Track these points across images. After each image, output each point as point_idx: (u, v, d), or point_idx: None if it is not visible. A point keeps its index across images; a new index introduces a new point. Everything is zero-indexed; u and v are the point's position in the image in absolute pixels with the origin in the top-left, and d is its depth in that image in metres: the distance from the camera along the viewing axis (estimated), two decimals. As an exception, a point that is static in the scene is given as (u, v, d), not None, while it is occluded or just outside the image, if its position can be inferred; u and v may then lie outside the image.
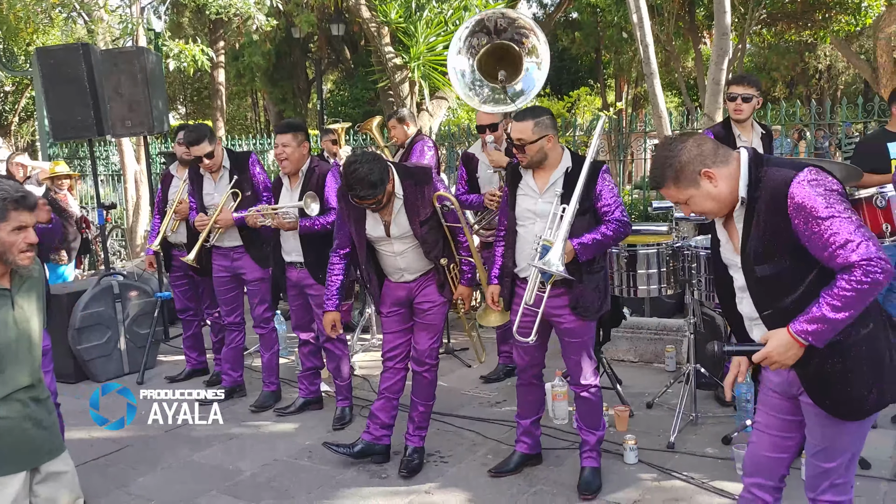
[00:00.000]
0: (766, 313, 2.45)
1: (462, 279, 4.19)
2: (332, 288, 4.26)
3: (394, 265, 4.16)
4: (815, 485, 2.58)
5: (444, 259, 4.11)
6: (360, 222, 4.09)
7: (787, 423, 2.63)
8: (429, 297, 4.17)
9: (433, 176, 4.14)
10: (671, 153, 2.45)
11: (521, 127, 3.68)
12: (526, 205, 3.78)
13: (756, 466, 2.70)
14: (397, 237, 4.05)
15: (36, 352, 2.78)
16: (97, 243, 9.14)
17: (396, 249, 4.10)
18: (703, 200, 2.46)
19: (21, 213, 2.66)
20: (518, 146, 3.70)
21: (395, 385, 4.29)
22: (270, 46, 20.03)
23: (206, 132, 5.15)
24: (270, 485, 4.14)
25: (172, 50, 10.49)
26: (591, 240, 3.62)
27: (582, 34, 22.98)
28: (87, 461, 4.45)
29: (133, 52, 6.72)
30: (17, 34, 13.37)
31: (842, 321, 2.26)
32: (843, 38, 16.48)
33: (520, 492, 3.91)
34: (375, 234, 4.07)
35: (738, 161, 2.45)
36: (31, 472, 2.72)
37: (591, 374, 3.88)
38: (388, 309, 4.25)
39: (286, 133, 4.72)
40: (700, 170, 2.42)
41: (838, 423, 2.46)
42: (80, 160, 11.81)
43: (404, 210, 4.01)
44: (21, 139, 25.74)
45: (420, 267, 4.15)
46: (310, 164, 4.82)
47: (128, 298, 6.26)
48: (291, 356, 6.40)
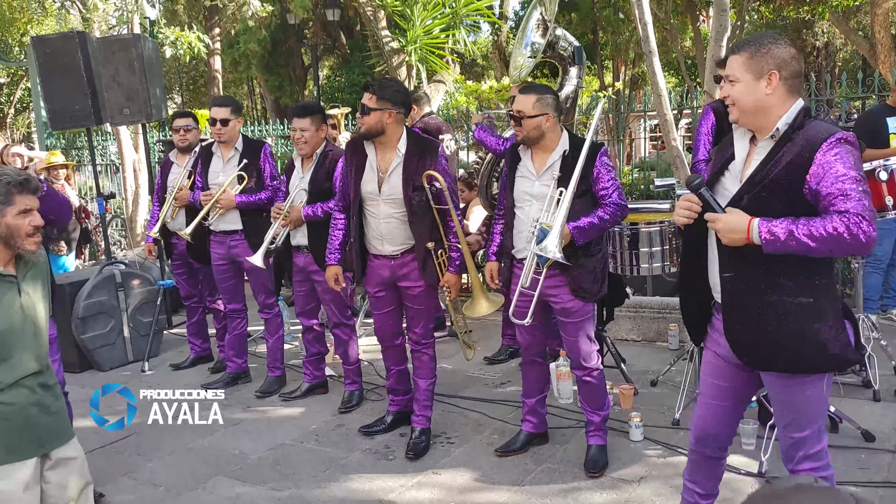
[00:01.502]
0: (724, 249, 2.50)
1: (450, 266, 4.16)
2: (334, 242, 4.37)
3: (376, 230, 4.16)
4: (791, 456, 2.67)
5: (431, 243, 4.10)
6: (358, 174, 4.14)
7: (729, 390, 2.72)
8: (415, 281, 4.18)
9: (440, 151, 4.13)
10: (772, 39, 2.49)
11: (523, 99, 3.71)
12: (523, 187, 3.78)
13: (704, 435, 2.83)
14: (387, 198, 4.08)
15: (43, 338, 2.78)
16: (97, 233, 9.13)
17: (382, 212, 4.11)
18: (749, 93, 2.46)
19: (25, 197, 2.66)
20: (516, 118, 3.72)
21: (399, 358, 4.47)
22: (266, 33, 19.91)
23: (235, 104, 5.31)
24: (276, 468, 4.16)
25: (168, 37, 10.44)
26: (588, 223, 3.62)
27: (578, 15, 22.86)
28: (95, 448, 4.46)
29: (129, 39, 6.68)
30: (11, 24, 13.31)
31: (802, 247, 2.31)
32: (841, 14, 16.40)
33: (526, 470, 3.93)
34: (368, 188, 4.12)
35: (793, 103, 2.48)
36: (41, 459, 2.73)
37: (592, 356, 3.87)
38: (374, 289, 4.30)
39: (304, 116, 4.72)
40: (772, 69, 2.44)
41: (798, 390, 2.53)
42: (78, 150, 11.77)
43: (401, 170, 4.05)
44: (17, 131, 25.66)
45: (401, 240, 4.15)
46: (324, 148, 4.81)
47: (130, 287, 6.26)
48: (295, 342, 6.41)
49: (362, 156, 4.15)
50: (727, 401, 2.75)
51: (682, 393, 4.47)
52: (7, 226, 2.63)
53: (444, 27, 10.49)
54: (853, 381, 4.71)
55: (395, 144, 4.09)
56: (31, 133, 23.04)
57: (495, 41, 19.11)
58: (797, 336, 2.46)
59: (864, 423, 4.05)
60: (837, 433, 4.04)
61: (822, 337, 2.45)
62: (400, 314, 4.42)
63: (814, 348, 2.46)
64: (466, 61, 17.15)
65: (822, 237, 2.28)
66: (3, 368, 2.63)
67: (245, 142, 5.26)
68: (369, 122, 4.02)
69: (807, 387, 2.53)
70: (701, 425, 2.83)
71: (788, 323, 2.46)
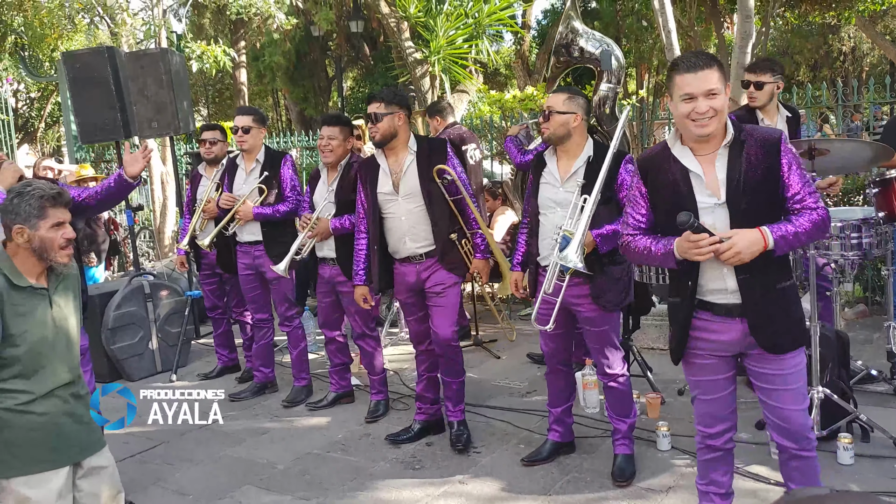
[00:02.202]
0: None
1: (476, 252, 4.32)
2: (359, 263, 4.45)
3: (399, 230, 4.25)
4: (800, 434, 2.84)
5: (454, 234, 4.22)
6: (373, 184, 4.27)
7: (726, 379, 2.94)
8: (439, 279, 4.26)
9: (447, 151, 4.28)
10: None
11: (554, 96, 3.79)
12: (548, 193, 3.78)
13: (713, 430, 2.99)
14: (405, 195, 4.21)
15: (74, 349, 2.83)
16: (126, 244, 9.26)
17: (403, 209, 4.22)
18: (722, 105, 2.68)
19: (58, 210, 2.72)
20: (545, 114, 3.75)
21: (431, 364, 4.51)
22: (290, 45, 20.10)
23: (259, 114, 5.38)
24: (304, 477, 4.18)
25: (194, 51, 10.57)
26: (612, 231, 3.60)
27: (601, 23, 22.80)
28: (125, 458, 4.52)
29: (157, 53, 6.78)
30: (42, 40, 13.54)
31: (800, 242, 2.72)
32: (868, 19, 16.23)
33: (553, 480, 3.92)
34: (385, 190, 4.24)
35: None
36: (73, 467, 2.78)
37: (617, 363, 3.87)
38: (404, 296, 4.41)
39: (334, 125, 4.79)
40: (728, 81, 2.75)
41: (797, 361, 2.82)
42: (107, 163, 11.94)
43: (415, 167, 4.20)
44: (47, 144, 26.07)
45: (424, 235, 4.23)
46: (349, 160, 4.84)
47: (159, 298, 6.33)
48: (321, 351, 6.44)
49: (374, 168, 4.31)
50: (727, 389, 2.96)
51: (710, 402, 4.42)
52: (41, 239, 2.68)
53: (467, 37, 10.51)
54: (884, 390, 4.64)
55: (405, 145, 4.27)
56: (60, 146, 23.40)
57: (518, 50, 19.13)
58: (796, 315, 2.81)
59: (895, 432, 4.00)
60: (869, 442, 3.98)
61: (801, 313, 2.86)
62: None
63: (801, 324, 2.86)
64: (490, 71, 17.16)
65: (810, 232, 2.67)
66: (36, 379, 2.68)
67: (267, 153, 5.31)
68: (383, 127, 4.18)
69: (800, 356, 2.84)
70: (709, 421, 2.99)
71: (789, 305, 2.78)
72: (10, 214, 2.69)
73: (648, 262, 3.00)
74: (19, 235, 2.68)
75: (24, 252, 2.70)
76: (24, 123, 24.38)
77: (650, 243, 2.83)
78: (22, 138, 21.96)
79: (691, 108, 2.66)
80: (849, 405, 4.00)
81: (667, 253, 2.75)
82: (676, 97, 2.70)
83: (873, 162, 4.43)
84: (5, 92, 13.48)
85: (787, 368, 2.81)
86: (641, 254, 2.86)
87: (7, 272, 2.67)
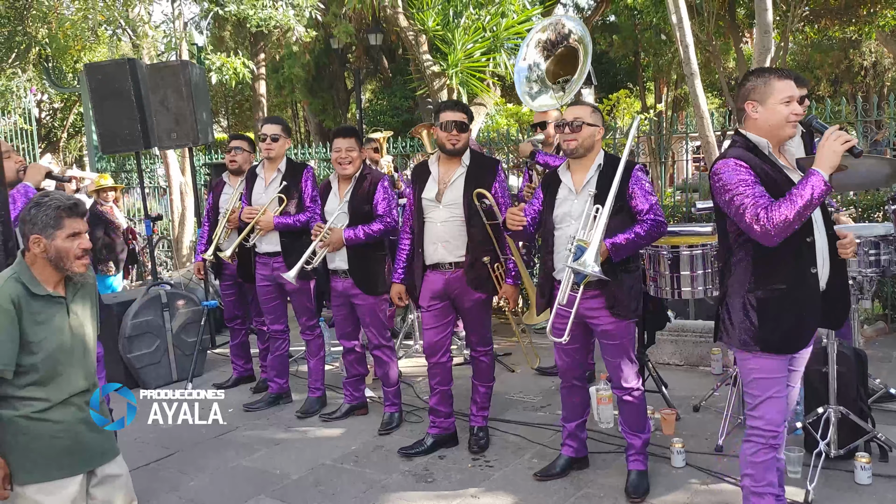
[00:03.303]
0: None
1: (507, 278, 4.37)
2: (399, 261, 4.57)
3: (434, 234, 4.35)
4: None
5: (486, 257, 4.27)
6: (421, 186, 4.41)
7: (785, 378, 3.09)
8: (469, 295, 4.35)
9: (499, 169, 4.43)
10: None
11: (581, 108, 3.81)
12: (564, 207, 3.79)
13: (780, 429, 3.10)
14: (447, 204, 4.32)
15: (91, 357, 2.86)
16: (144, 254, 9.34)
17: (441, 216, 4.32)
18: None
19: (74, 220, 2.75)
20: (573, 126, 3.73)
21: (444, 378, 4.54)
22: (310, 58, 20.20)
23: (286, 124, 5.47)
24: (317, 488, 4.18)
25: (214, 63, 10.67)
26: (625, 240, 3.61)
27: (620, 37, 22.80)
28: (139, 466, 4.54)
29: (178, 65, 6.85)
30: (65, 52, 13.74)
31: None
32: (889, 34, 16.12)
33: (567, 495, 3.90)
34: (429, 195, 4.35)
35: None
36: (87, 475, 2.80)
37: (633, 376, 3.86)
38: (427, 303, 4.44)
39: (351, 137, 4.83)
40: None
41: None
42: (127, 173, 12.07)
43: (464, 179, 4.32)
44: (69, 154, 26.37)
45: (459, 244, 4.32)
46: (362, 171, 4.87)
47: (175, 307, 6.38)
48: (336, 363, 6.45)
49: (425, 173, 4.46)
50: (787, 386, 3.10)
51: (726, 419, 4.39)
52: (57, 249, 2.72)
53: (485, 51, 10.55)
54: (902, 408, 4.59)
55: (460, 158, 4.40)
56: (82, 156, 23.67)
57: (536, 64, 19.12)
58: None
59: (913, 450, 3.95)
60: (887, 462, 3.93)
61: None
62: (450, 330, 4.54)
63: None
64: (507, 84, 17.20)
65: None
66: (52, 387, 2.71)
67: (288, 164, 5.35)
68: (465, 138, 4.35)
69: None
70: (780, 419, 3.06)
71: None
72: (27, 224, 2.73)
73: (800, 212, 2.76)
74: (36, 245, 2.71)
75: (41, 261, 2.73)
76: (47, 133, 24.71)
77: (788, 196, 2.79)
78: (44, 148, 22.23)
79: (790, 110, 2.91)
80: (867, 424, 3.95)
81: (809, 179, 2.77)
82: (776, 101, 2.92)
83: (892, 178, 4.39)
84: (29, 102, 13.65)
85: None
86: (793, 204, 2.75)
87: (25, 281, 2.70)
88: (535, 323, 4.51)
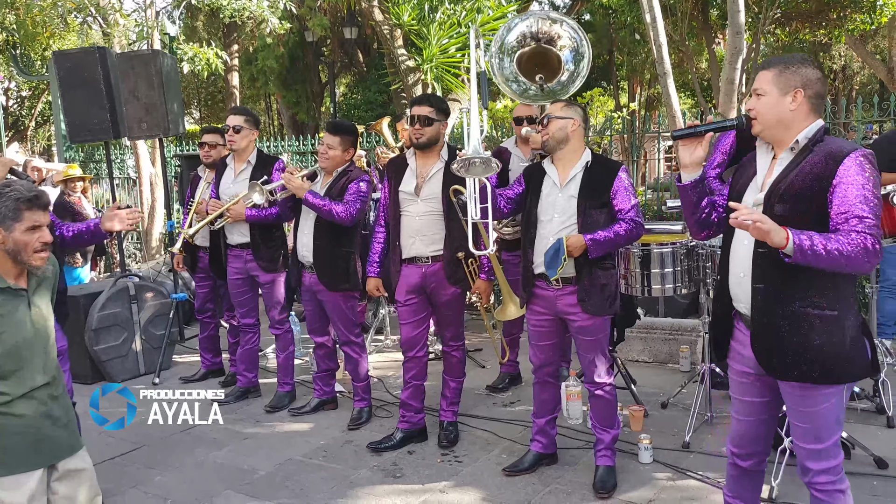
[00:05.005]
0: (761, 250, 2.56)
1: (481, 273, 4.37)
2: (373, 255, 4.56)
3: (412, 228, 4.34)
4: (808, 469, 2.67)
5: (461, 253, 4.26)
6: (398, 179, 4.39)
7: (756, 406, 2.79)
8: (445, 288, 4.36)
9: None
10: (801, 60, 2.60)
11: (553, 104, 3.91)
12: (548, 200, 3.83)
13: (740, 452, 2.89)
14: (425, 198, 4.31)
15: (52, 349, 2.81)
16: (112, 245, 9.21)
17: (420, 210, 4.31)
18: (774, 106, 2.58)
19: (35, 213, 2.68)
20: (543, 122, 3.84)
21: (418, 373, 4.53)
22: (284, 50, 20.08)
23: (252, 115, 5.40)
24: (285, 484, 4.15)
25: (187, 53, 10.55)
26: (604, 237, 3.67)
27: (595, 36, 22.89)
28: (104, 460, 4.49)
29: (149, 54, 6.76)
30: (34, 39, 13.49)
31: (823, 259, 2.34)
32: (858, 38, 16.35)
33: (534, 491, 3.91)
34: (407, 189, 4.34)
35: (814, 121, 2.59)
36: (48, 470, 2.75)
37: (606, 372, 3.90)
38: (404, 297, 4.42)
39: (336, 135, 4.80)
40: (798, 87, 2.56)
41: (818, 400, 2.57)
42: (96, 163, 11.88)
43: (442, 175, 4.29)
44: (37, 143, 25.96)
45: (434, 239, 4.32)
46: (346, 168, 4.86)
47: (143, 300, 6.30)
48: (306, 357, 6.43)
49: (403, 166, 4.44)
50: (754, 416, 2.81)
51: (693, 416, 4.44)
52: (15, 241, 2.65)
53: (460, 46, 10.52)
54: (867, 407, 4.66)
55: (438, 152, 4.38)
56: (51, 146, 23.30)
57: (511, 60, 19.15)
58: (820, 347, 2.52)
59: (877, 449, 4.01)
60: (850, 459, 3.98)
61: (843, 349, 2.53)
62: (427, 324, 4.54)
63: (834, 360, 2.52)
64: (482, 80, 17.16)
65: (842, 253, 2.34)
66: (13, 381, 2.65)
67: (259, 156, 5.30)
68: (430, 132, 4.30)
69: (826, 397, 2.58)
70: (737, 441, 2.89)
71: (814, 334, 2.53)
72: None
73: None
74: None
75: (0, 254, 2.67)
76: (15, 122, 24.28)
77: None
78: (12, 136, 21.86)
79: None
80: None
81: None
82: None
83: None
84: (-4, 89, 13.39)
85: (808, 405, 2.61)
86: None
87: None
88: (507, 318, 4.51)
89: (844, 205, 2.41)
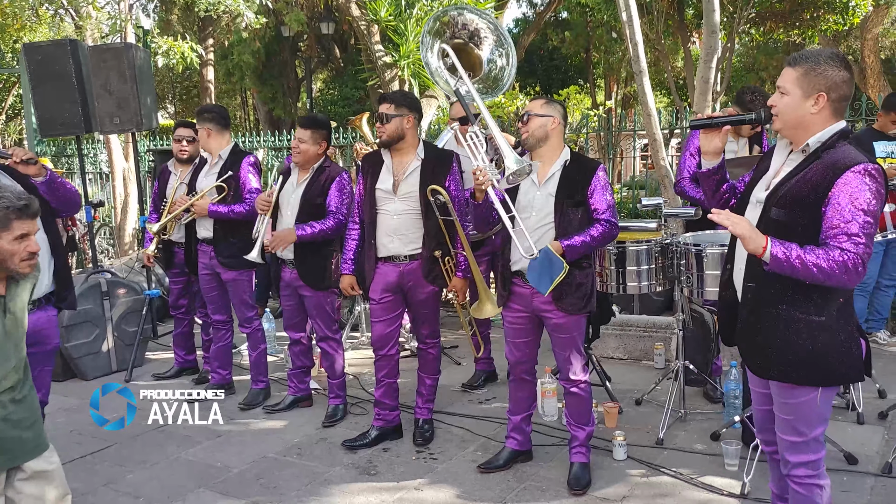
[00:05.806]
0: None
1: (457, 271, 4.35)
2: (348, 253, 4.52)
3: (388, 226, 4.31)
4: (787, 461, 2.71)
5: (438, 251, 4.26)
6: (374, 177, 4.34)
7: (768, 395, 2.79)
8: (422, 287, 4.34)
9: (453, 165, 4.34)
10: (829, 60, 2.51)
11: (533, 102, 3.90)
12: (526, 197, 3.82)
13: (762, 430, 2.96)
14: (402, 196, 4.27)
15: (22, 352, 2.76)
16: (85, 241, 9.10)
17: (397, 209, 4.28)
18: (795, 108, 2.54)
19: (24, 222, 2.64)
20: (523, 119, 3.83)
21: (391, 371, 4.51)
22: (260, 45, 19.91)
23: (221, 115, 5.34)
24: (259, 482, 4.12)
25: (161, 47, 10.44)
26: (580, 242, 3.68)
27: (572, 34, 22.98)
28: (75, 458, 4.43)
29: (121, 48, 6.66)
30: (3, 31, 13.27)
31: (799, 272, 2.38)
32: (831, 38, 16.53)
33: (509, 488, 3.91)
34: (384, 187, 4.30)
35: (834, 124, 2.54)
36: (14, 471, 2.71)
37: (581, 369, 3.90)
38: (378, 295, 4.39)
39: (307, 128, 4.76)
40: (822, 90, 2.50)
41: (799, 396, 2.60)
42: (68, 158, 11.73)
43: (419, 173, 4.26)
44: (8, 137, 25.57)
45: (412, 237, 4.30)
46: (322, 163, 4.82)
47: (116, 296, 6.23)
48: (281, 354, 6.38)
49: (378, 163, 4.38)
50: (766, 404, 2.83)
51: (667, 412, 4.46)
52: (3, 250, 2.61)
53: (438, 43, 10.51)
54: (838, 404, 4.71)
55: (413, 150, 4.33)
56: (22, 140, 22.97)
57: (489, 58, 19.14)
58: (804, 351, 2.54)
59: (847, 445, 4.06)
60: (821, 455, 4.03)
61: (828, 354, 2.54)
62: (399, 323, 4.53)
63: (817, 364, 2.54)
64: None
65: (821, 269, 2.36)
66: None
67: (232, 151, 5.27)
68: (390, 129, 4.24)
69: (807, 392, 2.60)
70: (758, 426, 2.97)
71: (798, 338, 2.54)
72: None
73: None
74: None
75: None
76: (-16, 115, 23.88)
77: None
78: (-19, 130, 21.51)
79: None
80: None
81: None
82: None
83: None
84: (-35, 82, 13.17)
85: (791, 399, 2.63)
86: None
87: None
88: (483, 316, 4.50)
89: (836, 219, 2.39)
